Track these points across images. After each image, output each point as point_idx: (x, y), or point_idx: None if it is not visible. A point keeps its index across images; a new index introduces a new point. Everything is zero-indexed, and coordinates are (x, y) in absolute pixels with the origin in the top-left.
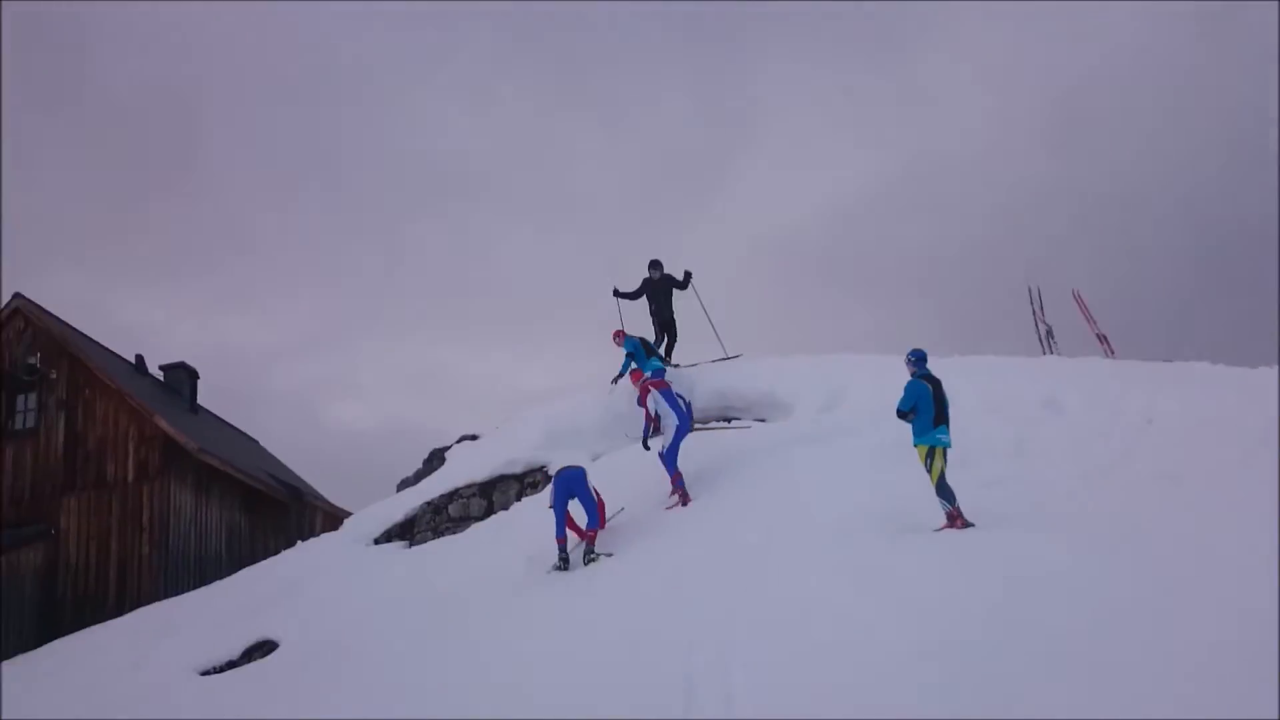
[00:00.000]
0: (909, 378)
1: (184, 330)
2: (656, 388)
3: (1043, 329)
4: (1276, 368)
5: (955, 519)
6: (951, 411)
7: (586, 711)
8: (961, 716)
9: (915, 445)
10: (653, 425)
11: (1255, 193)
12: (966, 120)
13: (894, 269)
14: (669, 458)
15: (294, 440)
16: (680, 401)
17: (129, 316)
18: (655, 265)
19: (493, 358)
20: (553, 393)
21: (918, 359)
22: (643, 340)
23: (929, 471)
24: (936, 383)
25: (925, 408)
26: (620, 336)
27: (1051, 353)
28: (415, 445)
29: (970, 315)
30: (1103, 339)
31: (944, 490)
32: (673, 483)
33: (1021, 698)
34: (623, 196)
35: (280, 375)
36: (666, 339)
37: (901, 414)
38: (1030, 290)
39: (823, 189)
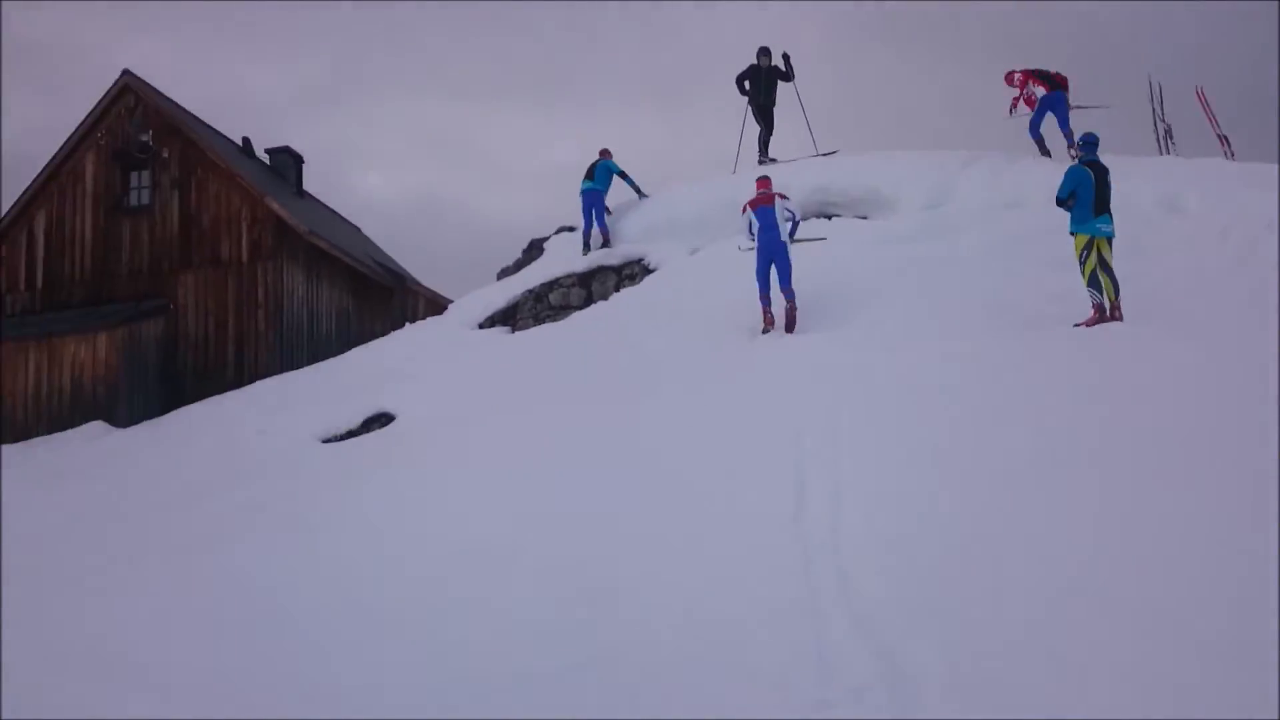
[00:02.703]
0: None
1: (182, 69)
2: (752, 207)
3: (1161, 128)
4: None
5: (1102, 311)
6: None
7: (703, 473)
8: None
9: (1072, 234)
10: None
11: None
12: None
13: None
14: (758, 277)
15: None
16: (780, 224)
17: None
18: (764, 52)
19: (517, 124)
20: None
21: (1085, 143)
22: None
23: (1082, 263)
24: (1102, 170)
25: (1085, 195)
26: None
27: (1169, 153)
28: (450, 222)
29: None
30: (1224, 140)
31: (1095, 281)
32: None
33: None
34: None
35: (289, 133)
36: (763, 129)
37: (1060, 201)
38: (1151, 85)
39: None
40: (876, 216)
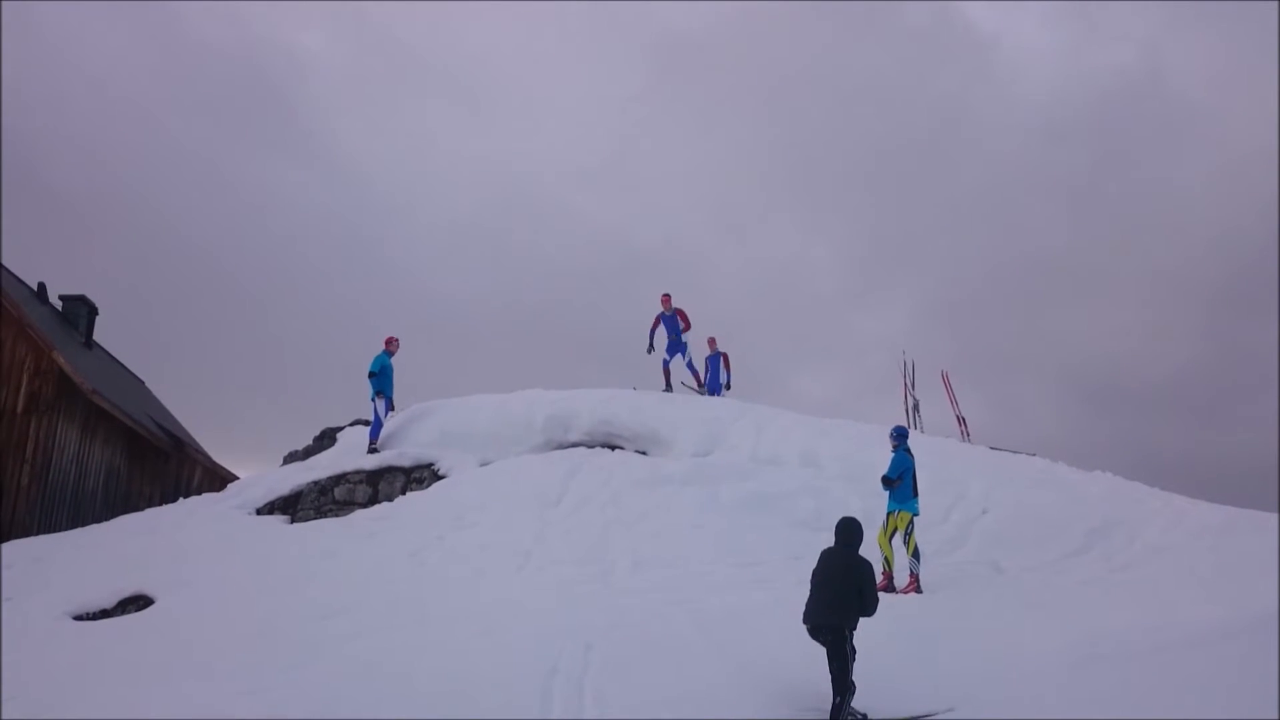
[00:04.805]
0: (891, 450)
1: None
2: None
3: (910, 401)
4: (1108, 473)
5: (918, 581)
6: (814, 475)
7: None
8: None
9: (895, 511)
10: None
11: None
12: None
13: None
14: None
15: None
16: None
17: None
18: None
19: None
20: None
21: (900, 434)
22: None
23: (907, 535)
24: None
25: (908, 479)
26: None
27: (916, 427)
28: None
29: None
30: (961, 421)
31: (917, 553)
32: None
33: None
34: None
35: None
36: None
37: (888, 481)
38: (904, 363)
39: None
40: (655, 453)
